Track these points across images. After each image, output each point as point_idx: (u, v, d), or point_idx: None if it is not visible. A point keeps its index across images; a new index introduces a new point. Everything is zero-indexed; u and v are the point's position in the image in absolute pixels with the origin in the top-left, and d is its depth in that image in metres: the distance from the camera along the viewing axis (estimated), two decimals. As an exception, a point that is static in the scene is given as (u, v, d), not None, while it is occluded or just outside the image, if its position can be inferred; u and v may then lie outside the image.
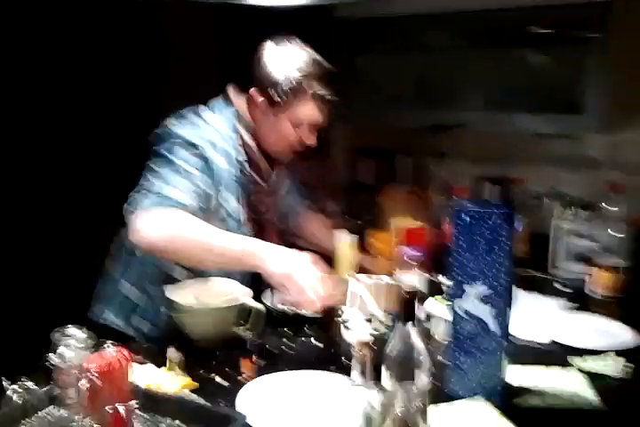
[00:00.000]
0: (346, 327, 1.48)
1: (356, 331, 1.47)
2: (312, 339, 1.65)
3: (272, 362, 1.52)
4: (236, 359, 1.51)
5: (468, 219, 1.35)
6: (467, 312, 1.36)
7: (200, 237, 1.56)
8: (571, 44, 2.39)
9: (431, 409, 1.13)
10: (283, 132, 1.79)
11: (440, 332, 1.57)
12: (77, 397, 1.24)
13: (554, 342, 1.66)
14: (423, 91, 2.82)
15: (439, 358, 1.45)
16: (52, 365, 1.24)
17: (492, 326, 1.34)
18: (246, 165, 1.81)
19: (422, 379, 1.09)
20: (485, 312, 1.34)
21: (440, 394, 1.33)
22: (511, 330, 1.39)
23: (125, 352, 1.16)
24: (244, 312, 1.64)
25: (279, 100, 1.74)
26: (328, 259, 2.03)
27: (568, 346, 1.63)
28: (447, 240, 2.09)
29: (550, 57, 2.49)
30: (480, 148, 2.71)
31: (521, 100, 2.53)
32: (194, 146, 1.68)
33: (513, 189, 2.48)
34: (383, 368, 1.11)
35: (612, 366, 1.51)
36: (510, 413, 1.29)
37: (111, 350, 1.16)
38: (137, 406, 1.16)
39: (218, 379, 1.44)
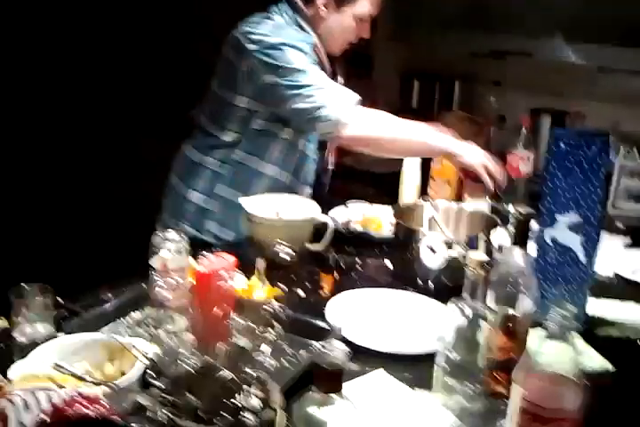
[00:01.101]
0: (432, 250, 1.49)
1: (440, 254, 1.49)
2: (384, 259, 1.67)
3: (350, 278, 1.55)
4: (312, 274, 1.54)
5: (565, 147, 1.33)
6: (555, 241, 1.36)
7: (402, 135, 1.80)
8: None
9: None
10: (346, 26, 1.86)
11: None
12: (178, 298, 1.27)
13: (618, 277, 1.69)
14: (483, 14, 2.73)
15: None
16: (152, 268, 1.27)
17: (581, 255, 1.36)
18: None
19: (527, 302, 1.11)
20: (575, 242, 1.35)
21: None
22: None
23: (231, 258, 1.18)
24: (315, 229, 1.67)
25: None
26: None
27: (632, 281, 1.65)
28: (512, 171, 2.15)
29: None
30: (537, 78, 2.65)
31: (589, 31, 2.46)
32: (300, 50, 1.76)
33: (571, 123, 2.45)
34: (489, 290, 1.13)
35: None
36: (590, 342, 1.32)
37: (216, 256, 1.18)
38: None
39: (300, 292, 1.46)
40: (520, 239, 1.11)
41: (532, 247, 1.22)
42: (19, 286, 1.09)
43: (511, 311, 1.11)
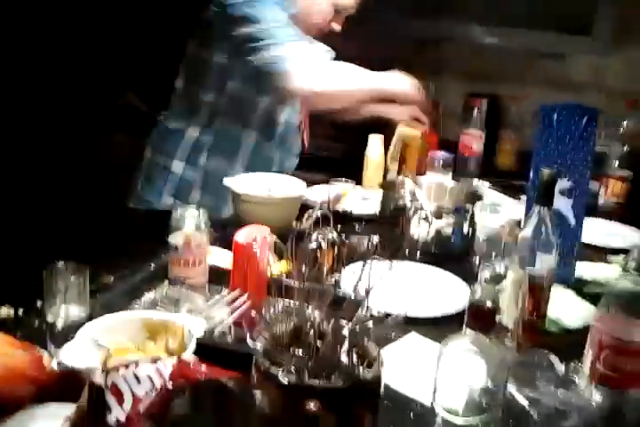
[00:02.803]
0: (426, 221, 1.54)
1: (431, 224, 1.54)
2: (372, 235, 1.70)
3: (344, 254, 1.56)
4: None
5: (556, 117, 1.42)
6: (547, 207, 1.45)
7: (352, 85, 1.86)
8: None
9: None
10: (321, 9, 1.89)
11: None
12: (198, 275, 1.24)
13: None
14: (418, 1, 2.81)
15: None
16: (172, 245, 1.23)
17: (571, 218, 1.45)
18: None
19: (550, 262, 1.17)
20: (567, 206, 1.44)
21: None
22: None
23: (265, 228, 1.16)
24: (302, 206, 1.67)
25: None
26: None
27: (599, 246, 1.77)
28: (465, 150, 2.25)
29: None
30: (469, 64, 2.76)
31: (520, 17, 2.59)
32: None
33: (507, 107, 2.57)
34: (513, 250, 1.18)
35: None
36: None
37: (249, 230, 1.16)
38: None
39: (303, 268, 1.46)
40: (544, 199, 1.17)
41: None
42: (52, 264, 1.03)
43: (535, 271, 1.17)
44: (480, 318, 0.75)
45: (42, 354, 0.92)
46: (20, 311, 1.14)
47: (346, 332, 0.81)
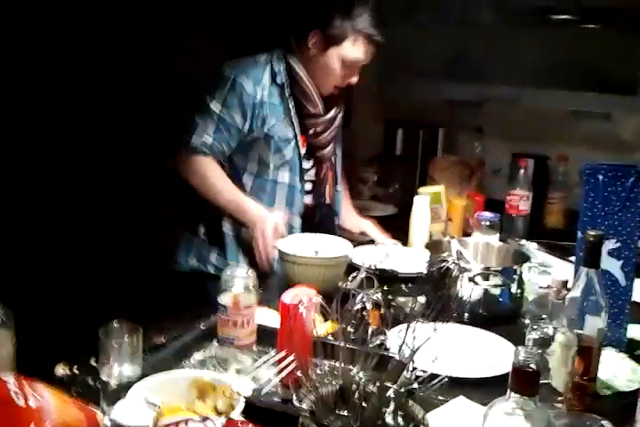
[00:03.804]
0: (474, 282, 1.54)
1: (482, 285, 1.54)
2: (419, 296, 1.70)
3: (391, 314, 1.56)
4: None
5: (602, 178, 1.43)
6: (596, 268, 1.44)
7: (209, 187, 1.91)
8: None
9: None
10: (331, 68, 1.92)
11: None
12: (246, 336, 1.26)
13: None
14: (461, 64, 2.88)
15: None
16: (222, 306, 1.26)
17: (621, 279, 1.43)
18: (288, 90, 1.94)
19: (599, 323, 1.16)
20: (615, 266, 1.43)
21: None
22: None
23: (311, 290, 1.18)
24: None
25: (334, 36, 1.87)
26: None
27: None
28: (512, 209, 2.25)
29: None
30: (515, 124, 2.79)
31: (563, 78, 2.63)
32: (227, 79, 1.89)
33: (555, 166, 2.57)
34: (562, 312, 1.17)
35: None
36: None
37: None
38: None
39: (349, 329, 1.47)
40: (591, 261, 1.16)
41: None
42: (107, 323, 1.07)
43: (585, 332, 1.16)
44: (523, 380, 0.75)
45: (95, 412, 0.95)
46: (75, 369, 1.17)
47: (391, 393, 0.82)
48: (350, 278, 1.62)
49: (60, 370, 1.16)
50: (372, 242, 1.97)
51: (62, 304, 2.33)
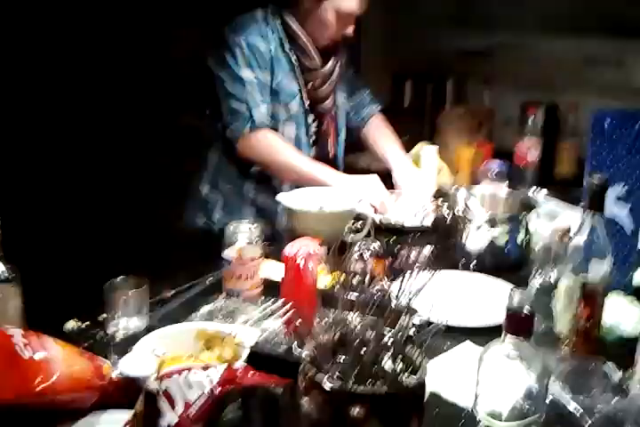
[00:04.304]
0: (480, 230, 1.54)
1: (485, 233, 1.54)
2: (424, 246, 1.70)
3: (397, 264, 1.57)
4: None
5: (609, 123, 1.40)
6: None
7: (287, 163, 1.88)
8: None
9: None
10: (326, 20, 1.90)
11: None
12: (252, 287, 1.28)
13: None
14: (469, 12, 2.82)
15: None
16: (227, 259, 1.27)
17: (628, 224, 1.42)
18: (292, 52, 1.93)
19: (603, 268, 1.16)
20: (622, 212, 1.42)
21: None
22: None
23: (314, 242, 1.19)
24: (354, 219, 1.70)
25: None
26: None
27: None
28: (520, 159, 2.23)
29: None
30: (525, 72, 2.74)
31: (574, 23, 2.56)
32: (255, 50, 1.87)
33: (565, 114, 2.53)
34: (566, 258, 1.17)
35: None
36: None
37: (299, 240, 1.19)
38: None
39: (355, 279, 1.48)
40: (595, 204, 1.15)
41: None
42: (115, 279, 1.08)
43: (588, 278, 1.16)
44: (518, 323, 0.76)
45: (103, 363, 0.97)
46: (85, 324, 1.20)
47: (389, 339, 0.83)
48: (353, 229, 1.65)
49: (70, 325, 1.18)
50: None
51: (72, 261, 2.37)
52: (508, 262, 1.59)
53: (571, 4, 2.58)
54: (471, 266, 1.58)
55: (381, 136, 2.24)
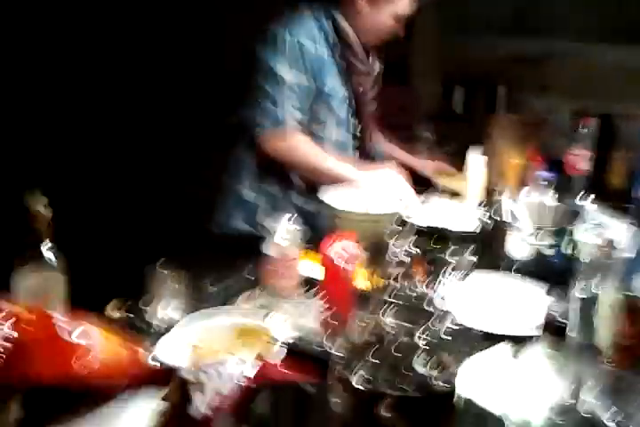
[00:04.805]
0: (525, 240, 1.52)
1: (530, 243, 1.52)
2: (467, 253, 1.69)
3: (437, 269, 1.56)
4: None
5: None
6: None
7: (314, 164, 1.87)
8: None
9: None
10: (381, 23, 1.90)
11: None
12: (290, 285, 1.28)
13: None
14: (525, 19, 2.78)
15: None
16: (267, 256, 1.28)
17: (678, 241, 1.38)
18: (338, 48, 1.91)
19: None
20: (671, 228, 1.38)
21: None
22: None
23: (353, 241, 1.19)
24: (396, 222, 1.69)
25: None
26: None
27: None
28: (571, 169, 2.19)
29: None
30: (578, 82, 2.69)
31: (630, 32, 2.51)
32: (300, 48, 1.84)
33: (625, 125, 2.48)
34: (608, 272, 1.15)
35: None
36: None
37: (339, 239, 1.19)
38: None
39: (393, 283, 1.48)
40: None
41: None
42: (154, 269, 1.10)
43: (634, 293, 1.13)
44: (554, 330, 0.75)
45: (139, 349, 0.98)
46: (124, 310, 1.22)
47: (422, 342, 0.83)
48: (396, 231, 1.64)
49: (110, 310, 1.21)
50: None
51: (118, 249, 2.42)
52: (554, 273, 1.56)
53: (627, 13, 2.53)
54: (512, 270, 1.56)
55: (378, 139, 2.26)
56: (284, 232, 1.27)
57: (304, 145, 1.88)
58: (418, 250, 1.06)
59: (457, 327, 0.87)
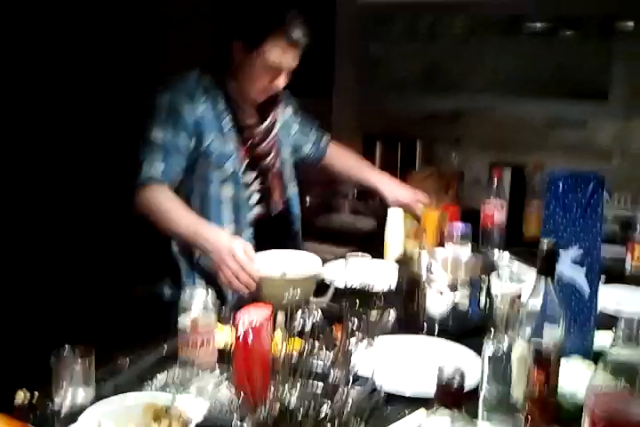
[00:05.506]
0: (441, 293, 1.54)
1: (447, 297, 1.54)
2: (389, 309, 1.70)
3: (360, 329, 1.56)
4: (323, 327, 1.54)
5: (562, 186, 1.43)
6: (560, 276, 1.43)
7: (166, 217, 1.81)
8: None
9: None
10: (256, 73, 1.89)
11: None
12: (207, 356, 1.26)
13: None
14: (436, 76, 2.91)
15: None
16: (181, 327, 1.26)
17: (585, 287, 1.43)
18: (227, 111, 1.93)
19: (556, 333, 1.15)
20: (580, 275, 1.42)
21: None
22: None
23: (266, 310, 1.18)
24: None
25: (253, 43, 1.85)
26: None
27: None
28: (487, 219, 2.25)
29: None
30: (491, 134, 2.80)
31: (537, 86, 2.65)
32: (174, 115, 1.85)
33: (532, 174, 2.58)
34: (520, 322, 1.17)
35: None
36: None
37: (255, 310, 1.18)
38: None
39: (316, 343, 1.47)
40: (546, 269, 1.16)
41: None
42: (61, 348, 1.07)
43: (542, 343, 1.15)
44: (448, 395, 0.75)
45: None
46: (35, 396, 1.17)
47: (329, 410, 0.82)
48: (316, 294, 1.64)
49: (19, 397, 1.16)
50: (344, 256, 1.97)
51: (21, 332, 2.32)
52: (471, 327, 1.58)
53: (534, 68, 2.67)
54: (434, 330, 1.57)
55: (348, 159, 2.35)
56: (200, 305, 1.26)
57: (168, 202, 1.82)
58: (320, 315, 1.06)
59: (365, 392, 0.87)
